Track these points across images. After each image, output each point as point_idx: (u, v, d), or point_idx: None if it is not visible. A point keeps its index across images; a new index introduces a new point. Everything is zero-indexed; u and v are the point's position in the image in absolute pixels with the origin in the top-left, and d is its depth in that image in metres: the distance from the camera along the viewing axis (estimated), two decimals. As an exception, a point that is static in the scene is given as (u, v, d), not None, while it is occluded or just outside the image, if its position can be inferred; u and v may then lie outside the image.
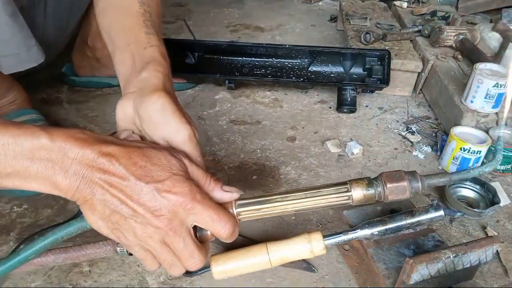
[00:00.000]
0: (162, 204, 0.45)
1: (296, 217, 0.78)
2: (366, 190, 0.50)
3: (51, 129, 0.44)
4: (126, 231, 0.46)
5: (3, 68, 0.75)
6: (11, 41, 0.73)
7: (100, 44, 1.11)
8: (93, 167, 0.43)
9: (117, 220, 0.45)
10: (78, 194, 0.44)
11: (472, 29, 1.24)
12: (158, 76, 0.55)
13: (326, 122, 1.08)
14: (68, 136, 0.43)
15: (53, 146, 0.43)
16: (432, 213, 0.62)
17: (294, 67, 1.17)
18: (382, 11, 1.54)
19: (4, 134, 0.42)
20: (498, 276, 0.68)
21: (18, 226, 0.73)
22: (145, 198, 0.44)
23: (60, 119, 1.04)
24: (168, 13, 1.74)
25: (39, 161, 0.43)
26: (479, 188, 0.84)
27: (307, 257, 0.56)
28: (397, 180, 0.50)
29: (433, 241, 0.66)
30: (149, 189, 0.44)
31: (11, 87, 0.91)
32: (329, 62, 1.17)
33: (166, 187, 0.45)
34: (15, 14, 0.72)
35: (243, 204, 0.51)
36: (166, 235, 0.46)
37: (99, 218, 0.45)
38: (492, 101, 0.92)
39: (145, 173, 0.45)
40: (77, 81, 1.17)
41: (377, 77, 1.13)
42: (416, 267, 0.53)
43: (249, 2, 1.94)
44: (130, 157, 0.45)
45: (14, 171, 0.43)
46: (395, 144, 1.01)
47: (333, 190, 0.51)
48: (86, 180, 0.43)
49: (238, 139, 1.00)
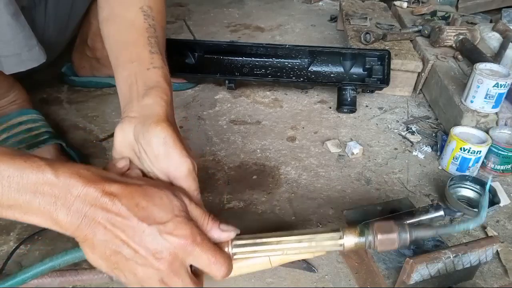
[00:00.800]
0: (164, 247, 0.45)
1: (296, 217, 0.78)
2: (358, 239, 0.52)
3: (56, 164, 0.44)
4: (126, 271, 0.46)
5: (4, 68, 0.74)
6: (12, 41, 0.73)
7: (100, 44, 1.10)
8: (95, 206, 0.43)
9: (118, 260, 0.45)
10: (78, 232, 0.44)
11: (472, 29, 1.24)
12: (161, 105, 0.54)
13: (326, 122, 1.08)
14: (73, 173, 0.44)
15: (57, 181, 0.43)
16: (432, 213, 0.62)
17: (294, 67, 1.17)
18: (382, 11, 1.54)
19: (10, 166, 0.42)
20: (498, 276, 0.68)
21: (18, 226, 0.73)
22: (147, 240, 0.45)
23: (60, 119, 1.04)
24: (168, 13, 1.73)
25: (42, 195, 0.43)
26: (479, 188, 0.84)
27: (308, 257, 0.56)
28: (387, 231, 0.52)
29: (433, 241, 0.67)
30: (151, 231, 0.44)
31: (12, 87, 0.91)
32: (329, 62, 1.17)
33: (168, 229, 0.45)
34: (16, 14, 0.71)
35: (239, 245, 0.52)
36: (166, 276, 0.46)
37: (99, 257, 0.45)
38: (492, 101, 0.92)
39: (148, 214, 0.45)
40: (77, 81, 1.17)
41: (377, 77, 1.13)
42: (416, 267, 0.53)
43: (249, 2, 1.94)
44: (132, 197, 0.45)
45: (16, 204, 0.43)
46: (395, 144, 1.01)
47: (327, 237, 0.52)
48: (88, 218, 0.43)
49: (238, 139, 1.00)
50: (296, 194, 0.84)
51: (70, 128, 1.01)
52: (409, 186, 0.88)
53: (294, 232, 0.53)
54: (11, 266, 0.65)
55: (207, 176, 0.88)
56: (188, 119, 1.07)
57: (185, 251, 0.46)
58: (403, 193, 0.85)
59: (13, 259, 0.66)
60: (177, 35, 1.55)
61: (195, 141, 0.99)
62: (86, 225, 0.43)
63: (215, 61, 1.18)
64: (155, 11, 0.64)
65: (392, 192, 0.86)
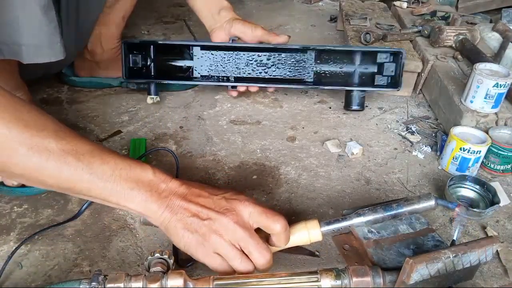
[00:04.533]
0: (229, 205, 0.59)
1: (296, 217, 0.78)
2: (334, 282, 0.56)
3: (153, 166, 0.61)
4: (206, 234, 0.58)
5: (23, 56, 0.74)
6: (36, 32, 0.72)
7: (100, 49, 1.11)
8: (177, 194, 0.59)
9: (196, 226, 0.58)
10: (165, 214, 0.58)
11: (472, 29, 1.24)
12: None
13: (326, 122, 1.08)
14: (163, 172, 0.61)
15: (154, 176, 0.59)
16: (424, 202, 0.64)
17: (298, 68, 1.10)
18: (382, 11, 1.54)
19: (123, 162, 0.58)
20: (498, 276, 0.68)
21: (18, 226, 0.73)
22: (216, 203, 0.59)
23: (60, 119, 1.03)
24: (168, 13, 1.74)
25: (143, 184, 0.58)
26: (479, 188, 0.84)
27: (305, 243, 0.64)
28: (361, 275, 0.56)
29: (433, 241, 0.67)
30: (218, 198, 0.60)
31: (19, 88, 0.91)
32: (337, 62, 1.09)
33: (228, 195, 0.61)
34: (47, 7, 0.71)
35: (221, 284, 0.56)
36: (234, 229, 0.58)
37: (181, 228, 0.58)
38: (491, 101, 0.92)
39: (214, 191, 0.62)
40: (77, 81, 1.17)
41: (389, 75, 1.05)
42: (416, 267, 0.53)
43: (249, 2, 1.94)
44: (201, 185, 0.63)
45: (122, 190, 0.57)
46: (395, 144, 1.01)
47: (305, 279, 0.57)
48: (172, 201, 0.59)
49: (238, 139, 1.00)
50: (296, 194, 0.84)
51: (70, 128, 1.00)
52: (409, 186, 0.88)
53: (275, 274, 0.58)
54: (11, 266, 0.66)
55: (207, 176, 0.88)
56: (188, 119, 1.07)
57: (245, 207, 0.59)
58: (403, 193, 0.85)
59: (13, 259, 0.66)
60: (177, 35, 1.55)
61: (195, 141, 0.99)
62: (171, 206, 0.58)
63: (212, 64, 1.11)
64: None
65: (392, 192, 0.86)
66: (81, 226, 0.74)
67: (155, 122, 1.05)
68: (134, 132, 1.01)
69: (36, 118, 0.55)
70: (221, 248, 0.58)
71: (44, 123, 0.56)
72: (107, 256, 0.69)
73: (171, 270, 0.57)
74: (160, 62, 1.08)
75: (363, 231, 0.68)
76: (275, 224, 0.59)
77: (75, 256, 0.68)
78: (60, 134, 0.56)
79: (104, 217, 0.76)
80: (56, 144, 0.54)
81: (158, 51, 1.07)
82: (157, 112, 1.09)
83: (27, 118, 0.54)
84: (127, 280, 0.54)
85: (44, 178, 0.55)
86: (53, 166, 0.54)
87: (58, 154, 0.54)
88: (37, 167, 0.54)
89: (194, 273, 0.65)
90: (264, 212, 0.59)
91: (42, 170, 0.54)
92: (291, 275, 0.57)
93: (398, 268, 0.57)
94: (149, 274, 0.55)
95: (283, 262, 0.68)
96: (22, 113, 0.54)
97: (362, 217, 0.65)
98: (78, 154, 0.55)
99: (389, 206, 0.65)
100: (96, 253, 0.69)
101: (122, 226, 0.74)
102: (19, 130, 0.52)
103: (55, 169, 0.54)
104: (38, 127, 0.54)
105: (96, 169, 0.56)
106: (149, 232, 0.73)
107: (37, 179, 0.56)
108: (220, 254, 0.58)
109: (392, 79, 1.06)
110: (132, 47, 1.06)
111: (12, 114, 0.53)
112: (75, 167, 0.55)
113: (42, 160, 0.53)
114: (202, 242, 0.58)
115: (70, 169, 0.54)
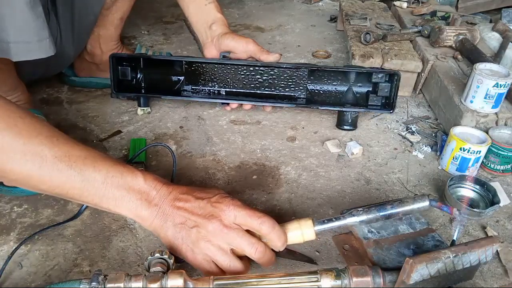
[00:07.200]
0: (213, 210, 0.60)
1: (296, 217, 0.78)
2: (334, 281, 0.56)
3: (144, 171, 0.62)
4: (194, 241, 0.59)
5: (12, 54, 0.73)
6: (24, 29, 0.72)
7: (99, 50, 1.11)
8: (167, 199, 0.61)
9: (185, 233, 0.60)
10: (156, 220, 0.60)
11: (472, 29, 1.24)
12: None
13: (326, 122, 1.08)
14: (155, 179, 0.62)
15: (144, 183, 0.60)
16: (418, 203, 0.65)
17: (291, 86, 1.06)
18: (382, 12, 1.54)
19: (114, 169, 0.59)
20: (498, 276, 0.68)
21: (18, 226, 0.73)
22: (202, 208, 0.60)
23: (60, 119, 1.04)
24: (168, 13, 1.74)
25: (133, 191, 0.59)
26: (479, 188, 0.84)
27: (299, 242, 0.65)
28: (361, 275, 0.56)
29: (433, 241, 0.67)
30: (204, 203, 0.61)
31: (17, 87, 0.91)
32: (331, 79, 1.06)
33: (214, 199, 0.61)
34: (32, 2, 0.71)
35: (221, 284, 0.56)
36: (220, 232, 0.59)
37: (171, 235, 0.60)
38: (491, 101, 0.92)
39: (201, 195, 0.62)
40: (77, 81, 1.17)
41: (383, 95, 1.02)
42: (416, 267, 0.53)
43: (249, 2, 1.94)
44: (191, 189, 0.64)
45: (113, 197, 0.58)
46: (395, 144, 1.01)
47: (305, 279, 0.57)
48: (162, 208, 0.61)
49: (238, 139, 1.00)
50: (296, 194, 0.84)
51: (70, 128, 1.01)
52: (409, 186, 0.88)
53: (275, 274, 0.58)
54: (11, 266, 0.66)
55: (207, 176, 0.88)
56: (188, 119, 1.07)
57: (230, 210, 0.60)
58: (403, 193, 0.85)
59: (13, 259, 0.66)
60: (177, 35, 1.55)
61: (195, 141, 0.99)
62: (161, 213, 0.60)
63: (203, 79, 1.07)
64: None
65: (391, 192, 0.86)
66: (81, 226, 0.74)
67: (155, 122, 1.05)
68: (134, 132, 1.01)
69: (29, 124, 0.56)
70: (210, 253, 0.60)
71: (38, 129, 0.56)
72: (107, 256, 0.69)
73: (171, 270, 0.57)
74: (150, 75, 1.06)
75: (363, 231, 0.68)
76: (261, 225, 0.60)
77: (75, 256, 0.68)
78: (53, 141, 0.56)
79: (104, 217, 0.76)
80: (49, 151, 0.55)
81: (148, 63, 1.05)
82: (157, 112, 1.09)
83: (20, 125, 0.54)
84: (127, 280, 0.54)
85: (37, 184, 0.56)
86: (46, 172, 0.55)
87: (50, 161, 0.55)
88: (31, 173, 0.55)
89: (194, 273, 0.65)
90: (249, 214, 0.60)
91: (35, 176, 0.55)
92: (291, 275, 0.57)
93: (398, 268, 0.57)
94: (149, 274, 0.55)
95: (283, 262, 0.68)
96: (16, 120, 0.54)
97: (356, 217, 0.65)
98: (71, 161, 0.56)
99: (383, 207, 0.65)
100: (96, 253, 0.69)
101: (122, 226, 0.74)
102: (12, 137, 0.53)
103: (47, 176, 0.55)
104: (31, 134, 0.55)
105: (88, 176, 0.57)
106: (149, 232, 0.73)
107: (30, 184, 0.57)
108: (211, 258, 0.60)
109: (386, 99, 1.02)
110: (121, 59, 1.03)
111: (5, 121, 0.53)
112: (67, 174, 0.56)
113: (35, 167, 0.54)
114: (192, 249, 0.60)
115: (62, 176, 0.56)
